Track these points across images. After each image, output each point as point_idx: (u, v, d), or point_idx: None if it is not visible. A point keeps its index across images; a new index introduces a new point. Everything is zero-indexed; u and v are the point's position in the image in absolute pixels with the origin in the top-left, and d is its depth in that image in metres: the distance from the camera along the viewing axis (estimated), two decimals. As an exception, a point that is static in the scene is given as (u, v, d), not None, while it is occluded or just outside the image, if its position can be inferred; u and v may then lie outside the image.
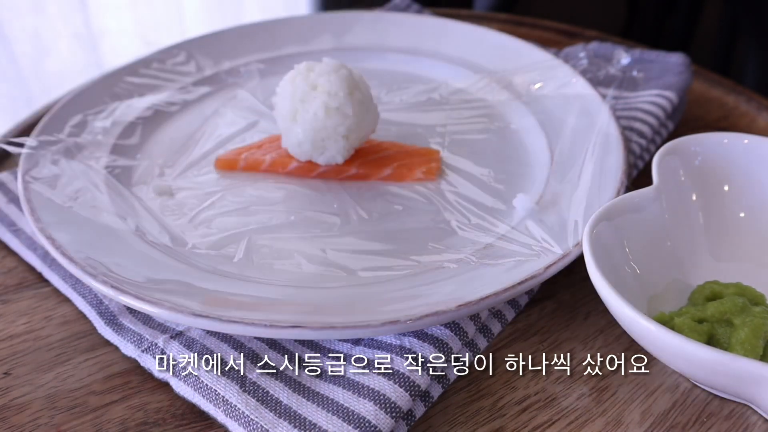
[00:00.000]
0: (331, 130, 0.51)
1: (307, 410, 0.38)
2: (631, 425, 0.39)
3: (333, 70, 0.51)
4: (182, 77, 0.63)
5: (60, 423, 0.39)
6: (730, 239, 0.46)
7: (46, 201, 0.48)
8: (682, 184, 0.47)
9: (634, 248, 0.43)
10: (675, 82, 0.61)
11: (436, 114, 0.60)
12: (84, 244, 0.45)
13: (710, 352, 0.34)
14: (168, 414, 0.40)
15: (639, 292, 0.42)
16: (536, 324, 0.45)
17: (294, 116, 0.51)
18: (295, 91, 0.51)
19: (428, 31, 0.68)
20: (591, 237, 0.40)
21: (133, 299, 0.41)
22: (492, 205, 0.50)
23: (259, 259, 0.46)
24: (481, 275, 0.43)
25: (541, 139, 0.55)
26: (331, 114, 0.50)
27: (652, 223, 0.44)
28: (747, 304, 0.39)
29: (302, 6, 1.37)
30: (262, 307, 0.42)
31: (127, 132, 0.57)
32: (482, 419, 0.39)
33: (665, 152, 0.46)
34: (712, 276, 0.43)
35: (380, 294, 0.43)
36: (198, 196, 0.52)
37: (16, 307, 0.46)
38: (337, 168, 0.53)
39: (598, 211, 0.42)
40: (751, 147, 0.47)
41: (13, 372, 0.42)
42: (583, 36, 0.75)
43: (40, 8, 1.36)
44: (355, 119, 0.51)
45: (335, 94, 0.50)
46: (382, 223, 0.49)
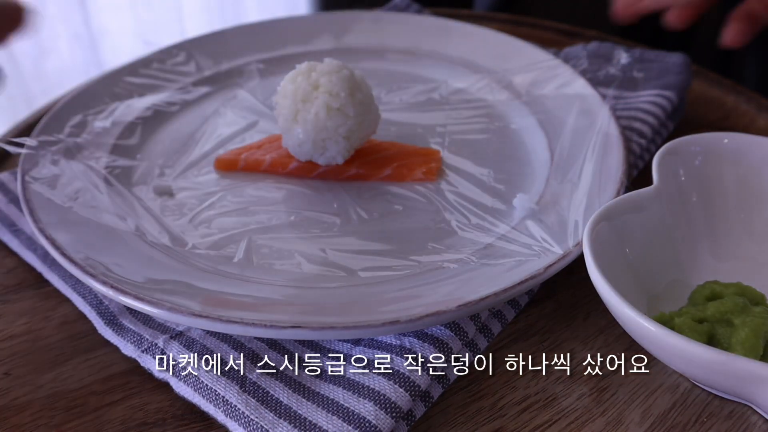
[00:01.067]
0: (332, 131, 0.51)
1: (307, 410, 0.38)
2: (632, 425, 0.39)
3: (335, 71, 0.51)
4: (182, 77, 0.63)
5: (60, 423, 0.39)
6: (730, 239, 0.46)
7: (46, 201, 0.48)
8: (682, 184, 0.47)
9: (634, 248, 0.43)
10: (675, 82, 0.61)
11: (436, 114, 0.60)
12: (84, 244, 0.45)
13: (710, 352, 0.34)
14: (168, 414, 0.40)
15: (639, 292, 0.42)
16: (536, 324, 0.45)
17: (295, 116, 0.51)
18: (296, 91, 0.51)
19: (428, 31, 0.68)
20: (591, 237, 0.40)
21: (133, 299, 0.41)
22: (492, 205, 0.50)
23: (259, 260, 0.46)
24: (481, 275, 0.43)
25: (541, 139, 0.55)
26: (333, 114, 0.50)
27: (652, 223, 0.44)
28: (747, 304, 0.39)
29: (302, 6, 1.37)
30: (262, 307, 0.42)
31: (127, 132, 0.57)
32: (482, 419, 0.39)
33: (665, 152, 0.46)
34: (712, 276, 0.43)
35: (380, 294, 0.43)
36: (198, 196, 0.52)
37: (16, 308, 0.46)
38: (337, 168, 0.53)
39: (598, 211, 0.42)
40: (751, 147, 0.47)
41: (13, 372, 0.42)
42: (583, 36, 0.75)
43: (40, 8, 1.36)
44: (356, 120, 0.51)
45: (337, 95, 0.50)
46: (382, 223, 0.49)
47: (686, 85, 0.62)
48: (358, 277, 0.45)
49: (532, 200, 0.49)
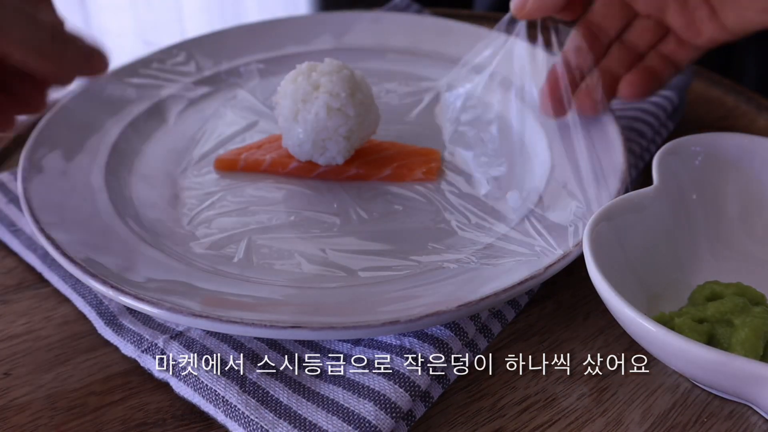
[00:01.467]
0: (332, 131, 0.51)
1: (307, 410, 0.38)
2: (632, 425, 0.39)
3: (335, 71, 0.51)
4: (182, 77, 0.63)
5: (60, 423, 0.39)
6: (730, 239, 0.46)
7: (46, 201, 0.48)
8: (682, 184, 0.46)
9: (634, 248, 0.43)
10: (675, 81, 0.61)
11: (436, 114, 0.60)
12: (84, 244, 0.45)
13: (710, 352, 0.34)
14: (168, 414, 0.40)
15: (639, 291, 0.42)
16: (536, 324, 0.45)
17: (295, 116, 0.51)
18: (296, 91, 0.51)
19: (428, 31, 0.68)
20: (591, 237, 0.40)
21: (133, 299, 0.41)
22: (492, 204, 0.50)
23: (259, 260, 0.46)
24: (481, 275, 0.43)
25: (542, 139, 0.55)
26: (333, 115, 0.50)
27: (652, 223, 0.44)
28: (747, 304, 0.39)
29: (302, 6, 1.37)
30: (262, 307, 0.42)
31: (126, 132, 0.57)
32: (482, 419, 0.39)
33: (665, 152, 0.46)
34: (713, 276, 0.43)
35: (380, 294, 0.43)
36: (198, 196, 0.52)
37: (16, 308, 0.46)
38: (337, 168, 0.53)
39: (598, 211, 0.42)
40: (752, 147, 0.47)
41: (13, 372, 0.42)
42: (583, 36, 0.75)
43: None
44: (356, 120, 0.51)
45: (337, 95, 0.50)
46: (382, 223, 0.49)
47: (686, 85, 0.62)
48: (358, 277, 0.45)
49: (532, 200, 0.49)
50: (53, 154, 0.52)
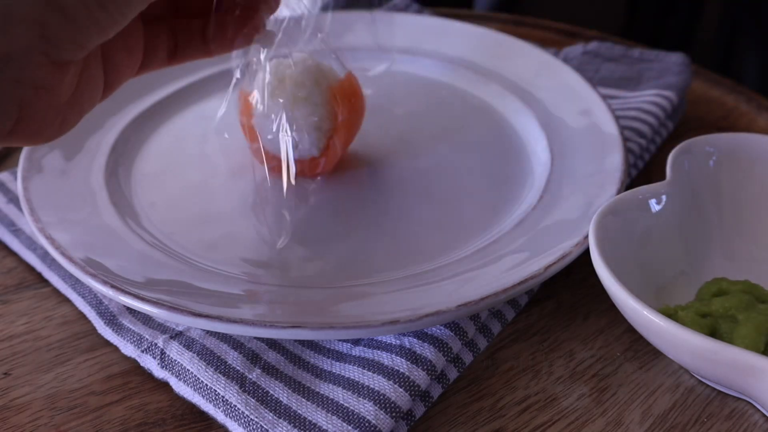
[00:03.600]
0: (302, 121, 0.50)
1: (306, 410, 0.38)
2: (632, 425, 0.39)
3: (300, 62, 0.51)
4: (182, 77, 0.63)
5: (60, 423, 0.39)
6: (741, 239, 0.46)
7: (46, 201, 0.48)
8: (695, 183, 0.46)
9: (641, 242, 0.43)
10: (675, 81, 0.61)
11: (436, 114, 0.60)
12: (84, 244, 0.45)
13: (703, 340, 0.35)
14: (168, 414, 0.40)
15: (646, 285, 0.42)
16: (536, 324, 0.45)
17: (267, 112, 0.50)
18: (265, 87, 0.50)
19: (428, 31, 0.68)
20: (597, 229, 0.40)
21: (133, 299, 0.41)
22: (492, 204, 0.50)
23: (258, 259, 0.46)
24: (481, 275, 0.43)
25: (542, 139, 0.55)
26: (300, 104, 0.50)
27: (662, 218, 0.44)
28: (753, 301, 0.40)
29: (302, 6, 1.37)
30: (262, 307, 0.42)
31: (126, 132, 0.57)
32: (482, 419, 0.39)
33: (680, 151, 0.46)
34: (722, 274, 0.43)
35: (380, 294, 0.43)
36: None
37: (16, 307, 0.46)
38: (313, 161, 0.52)
39: (605, 205, 0.42)
40: (766, 149, 0.47)
41: (13, 372, 0.42)
42: (583, 36, 0.75)
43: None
44: (326, 108, 0.50)
45: (302, 84, 0.50)
46: (382, 223, 0.49)
47: (686, 85, 0.62)
48: (358, 276, 0.45)
49: (532, 200, 0.49)
50: (53, 153, 0.52)
